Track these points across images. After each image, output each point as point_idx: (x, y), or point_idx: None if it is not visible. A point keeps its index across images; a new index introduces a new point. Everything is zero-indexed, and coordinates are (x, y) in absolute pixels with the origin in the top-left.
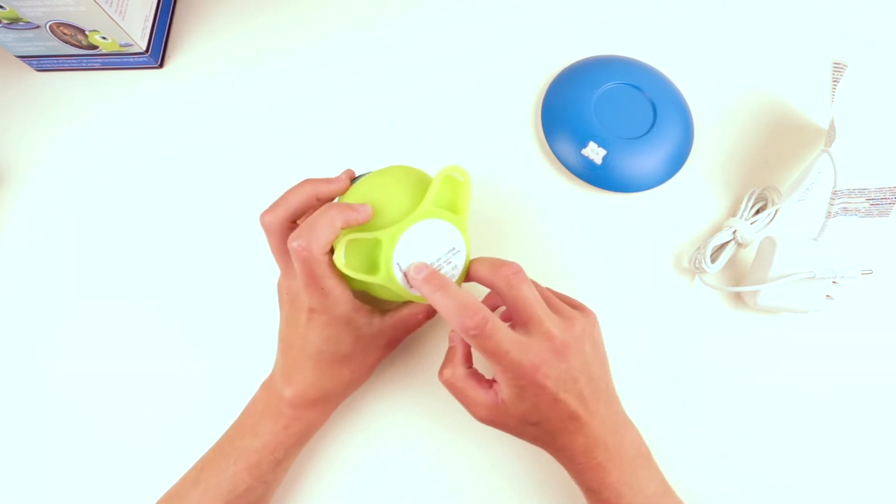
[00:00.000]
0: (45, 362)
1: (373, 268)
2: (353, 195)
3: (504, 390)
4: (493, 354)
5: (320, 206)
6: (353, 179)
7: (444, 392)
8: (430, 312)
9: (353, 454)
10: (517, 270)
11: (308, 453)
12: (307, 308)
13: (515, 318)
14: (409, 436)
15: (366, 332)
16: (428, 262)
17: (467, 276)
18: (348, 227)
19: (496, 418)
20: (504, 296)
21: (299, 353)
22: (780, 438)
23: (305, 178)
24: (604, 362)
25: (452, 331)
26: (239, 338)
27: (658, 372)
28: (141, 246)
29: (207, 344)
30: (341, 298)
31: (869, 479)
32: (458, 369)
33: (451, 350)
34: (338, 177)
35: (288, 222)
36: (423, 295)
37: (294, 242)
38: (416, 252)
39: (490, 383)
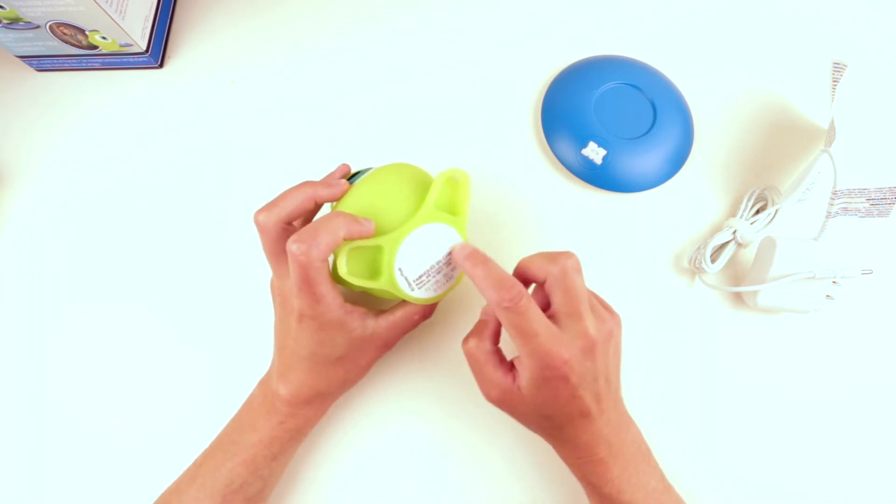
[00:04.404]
0: (45, 362)
1: (374, 273)
2: (353, 197)
3: (525, 378)
4: (523, 333)
5: (317, 209)
6: (351, 176)
7: (441, 387)
8: (426, 313)
9: (350, 450)
10: (575, 261)
11: (305, 450)
12: (297, 312)
13: (558, 308)
14: (406, 431)
15: (359, 335)
16: (428, 265)
17: (515, 274)
18: (350, 239)
19: (507, 402)
20: (556, 283)
21: (292, 355)
22: (779, 438)
23: (305, 178)
24: (619, 365)
25: (487, 305)
26: (238, 337)
27: (658, 372)
28: (140, 246)
29: (207, 343)
30: (333, 304)
31: (869, 478)
32: (485, 343)
33: (481, 323)
34: (336, 181)
35: (283, 223)
36: (462, 269)
37: (294, 246)
38: (418, 256)
39: (510, 366)
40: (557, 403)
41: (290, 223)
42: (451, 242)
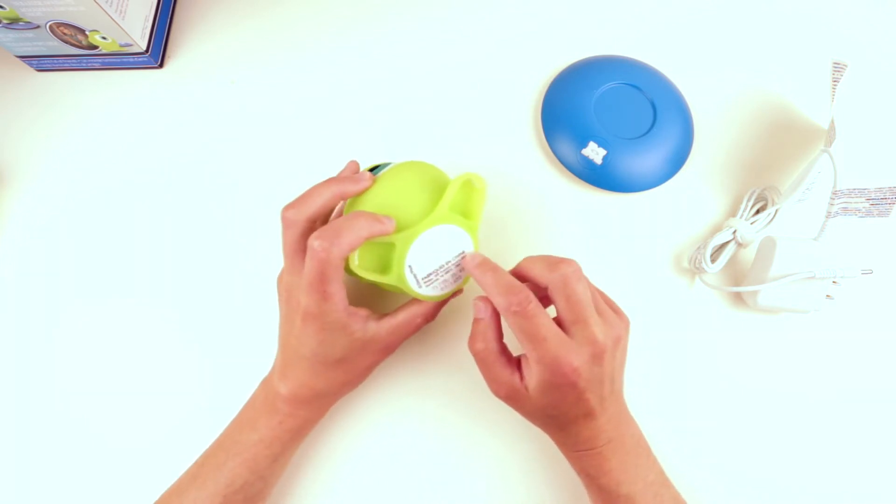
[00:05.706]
0: (46, 362)
1: (384, 268)
2: (372, 193)
3: (532, 381)
4: (532, 338)
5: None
6: (371, 169)
7: (442, 389)
8: (429, 316)
9: (350, 450)
10: (576, 269)
11: (306, 449)
12: (303, 310)
13: (564, 317)
14: (405, 432)
15: (360, 337)
16: (437, 265)
17: (516, 274)
18: (372, 238)
19: (513, 400)
20: (558, 292)
21: (294, 353)
22: (779, 438)
23: (305, 178)
24: (624, 365)
25: (477, 299)
26: (239, 337)
27: (658, 372)
28: (141, 246)
29: (209, 343)
30: (339, 305)
31: (868, 478)
32: (491, 344)
33: (482, 323)
34: (362, 175)
35: (310, 220)
36: (473, 276)
37: (315, 243)
38: (428, 255)
39: (517, 364)
40: (563, 406)
41: (316, 220)
42: (460, 244)
